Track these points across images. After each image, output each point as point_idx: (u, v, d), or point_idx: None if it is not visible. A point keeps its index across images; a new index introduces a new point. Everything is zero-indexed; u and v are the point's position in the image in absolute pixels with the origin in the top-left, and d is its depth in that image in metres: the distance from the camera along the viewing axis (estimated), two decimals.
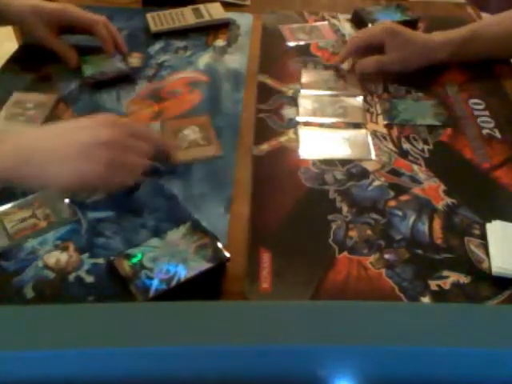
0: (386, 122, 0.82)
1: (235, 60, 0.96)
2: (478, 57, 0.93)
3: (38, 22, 0.88)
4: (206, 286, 0.58)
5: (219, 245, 0.60)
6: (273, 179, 0.72)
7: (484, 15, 1.14)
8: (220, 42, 0.97)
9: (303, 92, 0.88)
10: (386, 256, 0.63)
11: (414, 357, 0.39)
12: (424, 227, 0.66)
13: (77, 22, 0.91)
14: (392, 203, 0.69)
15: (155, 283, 0.55)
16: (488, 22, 0.98)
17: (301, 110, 0.84)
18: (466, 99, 0.88)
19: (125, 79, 0.90)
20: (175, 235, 0.60)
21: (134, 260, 0.57)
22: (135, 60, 0.95)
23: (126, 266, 0.57)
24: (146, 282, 0.55)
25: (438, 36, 0.91)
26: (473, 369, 0.39)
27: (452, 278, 0.60)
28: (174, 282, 0.55)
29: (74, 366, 0.39)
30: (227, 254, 0.59)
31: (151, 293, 0.54)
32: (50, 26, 0.89)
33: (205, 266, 0.57)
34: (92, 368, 0.39)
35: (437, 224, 0.66)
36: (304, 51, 0.99)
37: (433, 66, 0.91)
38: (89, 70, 0.89)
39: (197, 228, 0.61)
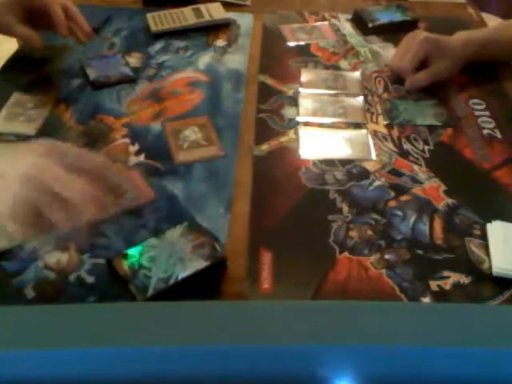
0: (386, 122, 0.82)
1: (235, 60, 0.96)
2: (497, 58, 0.93)
3: (2, 9, 0.83)
4: (206, 286, 0.58)
5: (216, 243, 0.60)
6: (273, 179, 0.72)
7: (484, 15, 1.14)
8: (220, 42, 0.97)
9: (303, 92, 0.88)
10: (387, 256, 0.62)
11: (414, 357, 0.39)
12: (424, 227, 0.66)
13: (34, 1, 0.85)
14: (392, 203, 0.69)
15: (153, 282, 0.55)
16: (508, 23, 0.97)
17: (301, 109, 0.84)
18: (466, 99, 0.88)
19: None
20: (172, 234, 0.60)
21: (132, 261, 0.57)
22: (135, 60, 0.95)
23: (124, 266, 0.57)
24: (145, 282, 0.55)
25: (460, 36, 0.91)
26: (473, 369, 0.39)
27: (452, 278, 0.60)
28: (171, 281, 0.56)
29: (74, 366, 0.39)
30: (223, 253, 0.59)
31: (150, 292, 0.55)
32: (13, 13, 0.84)
33: (202, 264, 0.57)
34: (92, 368, 0.39)
35: (437, 224, 0.66)
36: (304, 51, 0.99)
37: None
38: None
39: (194, 227, 0.61)
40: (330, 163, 0.74)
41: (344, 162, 0.75)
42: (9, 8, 0.84)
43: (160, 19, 1.03)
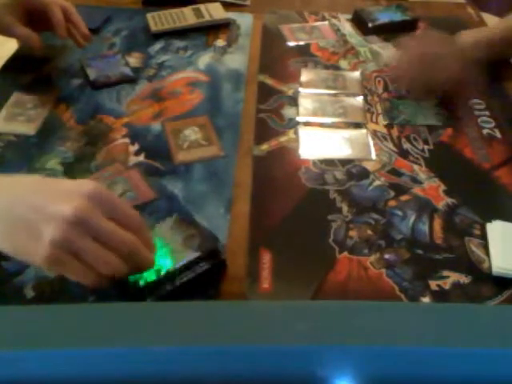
0: (386, 122, 0.82)
1: (235, 60, 0.96)
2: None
3: (1, 10, 0.83)
4: (204, 287, 0.58)
5: (207, 234, 0.59)
6: (273, 179, 0.72)
7: (484, 15, 1.14)
8: (220, 42, 0.97)
9: (303, 91, 0.88)
10: (387, 256, 0.63)
11: (414, 357, 0.39)
12: (424, 227, 0.66)
13: (34, 2, 0.85)
14: (392, 203, 0.69)
15: (146, 274, 0.55)
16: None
17: (301, 109, 0.84)
18: (466, 99, 0.88)
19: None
20: (162, 228, 0.60)
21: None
22: (135, 60, 0.95)
23: None
24: (141, 282, 0.55)
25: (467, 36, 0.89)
26: (473, 369, 0.39)
27: (452, 278, 0.60)
28: (162, 273, 0.55)
29: (74, 366, 0.39)
30: (216, 243, 0.59)
31: (141, 283, 0.54)
32: (13, 14, 0.84)
33: (192, 255, 0.57)
34: (92, 368, 0.39)
35: (437, 224, 0.66)
36: (304, 51, 0.99)
37: None
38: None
39: (184, 220, 0.61)
40: (329, 163, 0.74)
41: (344, 162, 0.75)
42: (9, 9, 0.84)
43: (160, 19, 1.03)
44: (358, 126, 0.82)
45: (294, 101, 0.86)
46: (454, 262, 0.62)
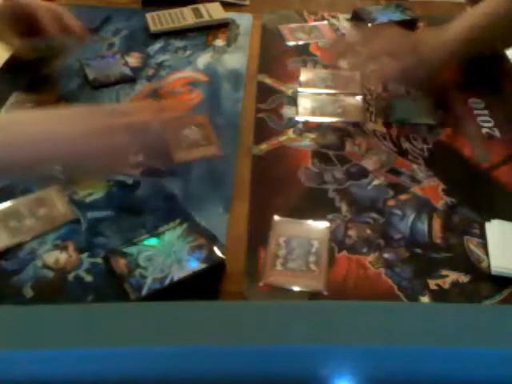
0: (381, 121, 0.82)
1: (235, 60, 0.96)
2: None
3: None
4: (204, 287, 0.58)
5: (214, 246, 0.60)
6: (272, 179, 0.72)
7: None
8: (219, 42, 0.97)
9: (302, 91, 0.88)
10: (386, 255, 0.63)
11: (414, 357, 0.39)
12: (423, 226, 0.66)
13: (23, 9, 0.84)
14: (391, 202, 0.69)
15: (148, 282, 0.55)
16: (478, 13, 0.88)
17: (300, 109, 0.84)
18: (465, 98, 0.88)
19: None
20: (171, 235, 0.60)
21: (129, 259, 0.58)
22: (134, 60, 0.95)
23: (121, 264, 0.57)
24: (140, 281, 0.55)
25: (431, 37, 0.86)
26: (473, 369, 0.39)
27: (451, 277, 0.60)
28: (167, 282, 0.56)
29: (73, 366, 0.39)
30: (221, 256, 0.59)
31: (144, 291, 0.55)
32: (5, 21, 0.84)
33: (198, 266, 0.57)
34: (92, 368, 0.39)
35: (436, 223, 0.66)
36: (303, 51, 0.99)
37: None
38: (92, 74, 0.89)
39: (193, 229, 0.61)
40: (328, 162, 0.74)
41: (343, 161, 0.74)
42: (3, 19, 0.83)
43: (159, 19, 1.03)
44: (356, 125, 0.82)
45: (293, 100, 0.86)
46: (452, 261, 0.62)
